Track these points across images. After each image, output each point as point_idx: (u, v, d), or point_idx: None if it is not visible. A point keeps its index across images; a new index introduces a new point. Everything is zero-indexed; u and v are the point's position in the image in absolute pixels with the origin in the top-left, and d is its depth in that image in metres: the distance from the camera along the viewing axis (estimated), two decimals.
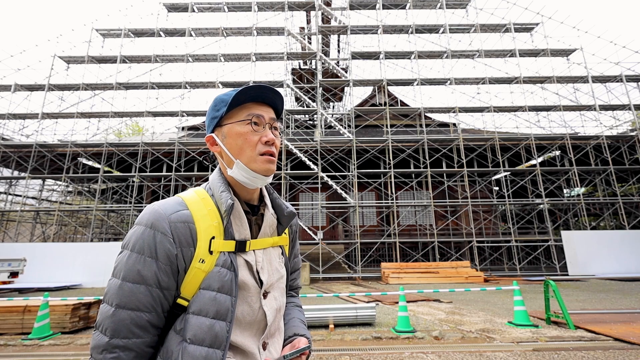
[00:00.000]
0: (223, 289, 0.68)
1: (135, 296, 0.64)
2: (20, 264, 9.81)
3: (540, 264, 15.57)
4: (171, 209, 0.70)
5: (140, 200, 17.07)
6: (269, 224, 0.81)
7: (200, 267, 0.68)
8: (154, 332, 0.67)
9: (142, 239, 0.67)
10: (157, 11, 16.57)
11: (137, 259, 0.66)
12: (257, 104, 0.79)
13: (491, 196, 17.15)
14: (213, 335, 0.65)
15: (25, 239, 16.06)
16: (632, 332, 4.38)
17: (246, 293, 0.72)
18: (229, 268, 0.70)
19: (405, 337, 4.42)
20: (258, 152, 0.75)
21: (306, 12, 18.63)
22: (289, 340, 0.82)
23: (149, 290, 0.65)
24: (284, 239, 0.87)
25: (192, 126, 18.27)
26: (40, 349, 4.22)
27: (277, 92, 0.79)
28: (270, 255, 0.80)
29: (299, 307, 0.96)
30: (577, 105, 15.41)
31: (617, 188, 14.27)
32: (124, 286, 0.65)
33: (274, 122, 0.81)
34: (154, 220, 0.68)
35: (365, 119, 16.40)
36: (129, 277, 0.65)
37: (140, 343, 0.64)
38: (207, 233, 0.70)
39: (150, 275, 0.65)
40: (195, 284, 0.68)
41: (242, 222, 0.76)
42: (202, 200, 0.75)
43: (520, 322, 4.98)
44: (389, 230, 14.46)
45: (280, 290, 0.81)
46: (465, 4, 16.66)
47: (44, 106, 15.21)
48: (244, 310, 0.71)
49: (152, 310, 0.66)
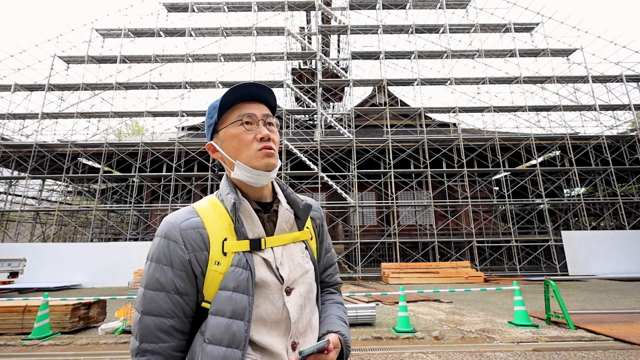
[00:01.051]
0: (239, 288, 0.68)
1: (156, 303, 0.68)
2: (20, 264, 9.81)
3: (540, 264, 15.56)
4: (182, 218, 0.73)
5: (140, 200, 17.06)
6: (284, 220, 0.80)
7: (217, 270, 0.70)
8: (179, 337, 0.69)
9: (158, 249, 0.71)
10: (157, 11, 16.57)
11: (156, 268, 0.69)
12: (247, 103, 0.79)
13: (491, 196, 17.14)
14: (231, 334, 0.65)
15: (25, 239, 16.06)
16: (632, 332, 4.38)
17: (267, 291, 0.71)
18: (244, 267, 0.70)
19: (406, 337, 4.41)
20: (255, 149, 0.76)
21: (306, 12, 18.63)
22: (325, 336, 0.78)
23: (169, 297, 0.68)
24: (306, 234, 0.85)
25: (192, 126, 18.27)
26: (40, 349, 4.22)
27: (266, 88, 0.79)
28: (292, 250, 0.79)
29: (338, 304, 0.91)
30: (577, 105, 15.41)
31: (617, 188, 14.27)
32: (146, 294, 0.69)
33: (268, 117, 0.80)
34: (167, 230, 0.71)
35: (365, 119, 16.40)
36: (150, 285, 0.69)
37: (167, 347, 0.67)
38: (219, 236, 0.72)
39: (167, 282, 0.68)
40: (214, 286, 0.70)
41: (253, 221, 0.76)
42: (213, 206, 0.77)
43: (520, 322, 4.98)
44: (389, 230, 14.45)
45: (306, 285, 0.78)
46: (465, 4, 16.66)
47: (43, 106, 15.21)
48: (267, 308, 0.70)
49: (174, 316, 0.68)
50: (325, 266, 0.94)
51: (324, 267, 0.94)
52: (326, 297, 0.92)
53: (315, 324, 0.80)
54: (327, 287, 0.95)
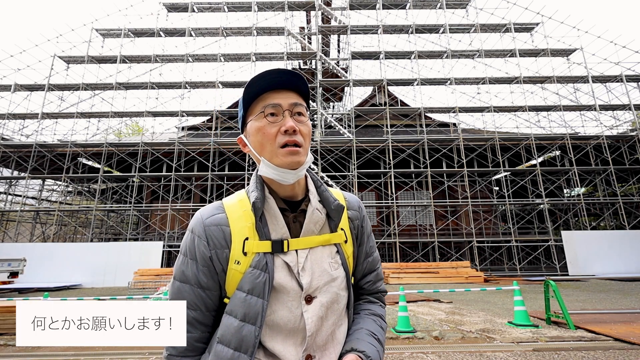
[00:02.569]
0: (254, 291, 0.66)
1: (181, 294, 0.69)
2: (20, 264, 9.82)
3: (540, 264, 15.56)
4: (208, 213, 0.73)
5: (140, 200, 17.06)
6: (313, 221, 0.73)
7: (237, 269, 0.68)
8: (202, 329, 0.70)
9: (186, 243, 0.72)
10: (157, 11, 16.58)
11: (183, 261, 0.71)
12: (274, 92, 0.72)
13: (491, 196, 17.14)
14: (240, 338, 0.64)
15: (25, 239, 16.06)
16: (632, 332, 4.38)
17: (285, 297, 0.67)
18: (262, 269, 0.67)
19: (406, 337, 4.41)
20: (278, 144, 0.70)
21: (306, 12, 18.63)
22: (344, 356, 0.68)
23: (192, 290, 0.69)
24: (339, 236, 0.77)
25: (192, 126, 18.28)
26: (40, 349, 4.22)
27: (293, 73, 0.71)
28: (319, 255, 0.73)
29: (375, 316, 0.80)
30: (577, 105, 15.41)
31: (617, 188, 14.27)
32: (175, 284, 0.71)
33: (296, 107, 0.72)
34: (194, 225, 0.72)
35: (365, 119, 16.40)
36: (177, 276, 0.71)
37: (189, 337, 0.67)
38: (241, 234, 0.70)
39: (192, 276, 0.69)
40: (234, 284, 0.69)
41: (277, 221, 0.71)
42: (239, 202, 0.74)
43: (520, 322, 4.97)
44: (389, 230, 14.45)
45: (331, 295, 0.70)
46: (465, 4, 16.66)
47: (43, 106, 15.21)
48: (284, 315, 0.67)
49: (197, 308, 0.69)
50: (365, 272, 0.85)
51: (363, 273, 0.85)
52: (362, 307, 0.82)
53: (340, 337, 0.72)
54: (367, 294, 0.85)
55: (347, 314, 0.76)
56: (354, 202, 0.85)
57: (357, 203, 0.85)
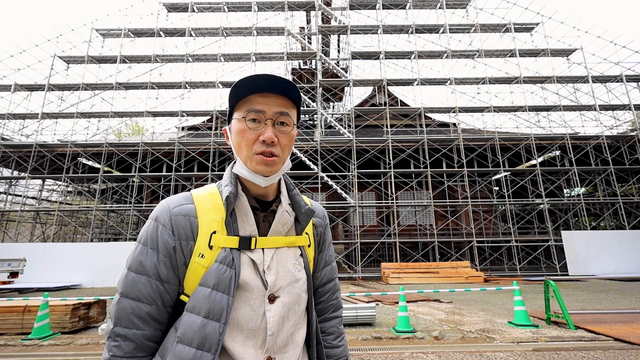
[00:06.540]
0: (219, 286, 0.64)
1: (136, 286, 0.65)
2: (20, 264, 9.81)
3: (540, 264, 15.56)
4: (175, 203, 0.70)
5: (140, 200, 17.06)
6: (282, 222, 0.74)
7: (200, 262, 0.66)
8: (154, 326, 0.66)
9: (147, 231, 0.68)
10: (157, 11, 16.57)
11: (142, 251, 0.67)
12: (261, 96, 0.71)
13: (491, 196, 17.14)
14: (203, 336, 0.61)
15: (25, 239, 16.06)
16: (632, 332, 4.38)
17: (249, 294, 0.67)
18: (229, 265, 0.66)
19: (406, 337, 4.41)
20: (254, 151, 0.70)
21: (306, 12, 18.63)
22: None
23: (149, 282, 0.65)
24: (303, 239, 0.79)
25: (192, 126, 18.27)
26: (40, 349, 4.22)
27: (284, 80, 0.70)
28: (284, 255, 0.73)
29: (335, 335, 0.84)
30: (577, 105, 15.40)
31: (617, 188, 14.26)
32: (129, 276, 0.66)
33: (280, 116, 0.71)
34: (159, 213, 0.69)
35: (365, 119, 16.40)
36: (133, 267, 0.66)
37: (140, 335, 0.64)
38: (208, 227, 0.68)
39: (150, 266, 0.65)
40: (195, 279, 0.66)
41: (247, 218, 0.71)
42: (210, 195, 0.73)
43: (520, 322, 4.98)
44: (389, 230, 14.45)
45: (293, 295, 0.71)
46: (465, 4, 16.66)
47: (43, 106, 15.20)
48: (246, 314, 0.66)
49: (153, 303, 0.65)
50: (325, 280, 0.86)
51: (322, 281, 0.86)
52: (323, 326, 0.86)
53: (299, 340, 0.72)
54: (325, 312, 0.87)
55: (306, 317, 0.77)
56: (319, 210, 0.87)
57: (323, 212, 0.89)
